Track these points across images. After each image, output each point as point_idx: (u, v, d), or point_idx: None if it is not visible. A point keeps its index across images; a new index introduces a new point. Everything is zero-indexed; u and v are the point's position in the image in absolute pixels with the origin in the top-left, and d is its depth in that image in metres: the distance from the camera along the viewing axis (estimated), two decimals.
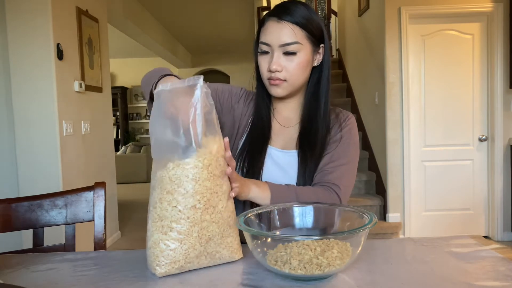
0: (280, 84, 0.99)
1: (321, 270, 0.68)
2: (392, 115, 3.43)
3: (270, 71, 0.98)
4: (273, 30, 0.97)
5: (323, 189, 0.98)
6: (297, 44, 0.96)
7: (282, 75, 0.98)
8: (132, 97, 9.40)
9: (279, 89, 1.00)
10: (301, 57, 0.98)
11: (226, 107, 1.10)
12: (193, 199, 0.74)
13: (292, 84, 1.00)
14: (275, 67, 0.97)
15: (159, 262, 0.74)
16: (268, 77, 0.99)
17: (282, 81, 0.99)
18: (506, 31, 3.33)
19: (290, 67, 0.98)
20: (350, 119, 1.08)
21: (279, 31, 0.96)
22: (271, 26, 0.98)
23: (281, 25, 0.96)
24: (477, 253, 0.83)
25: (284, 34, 0.96)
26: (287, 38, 0.96)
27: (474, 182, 3.48)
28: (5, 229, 1.12)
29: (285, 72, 0.98)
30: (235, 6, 5.79)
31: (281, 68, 0.97)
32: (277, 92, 1.01)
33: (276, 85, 0.99)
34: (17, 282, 0.75)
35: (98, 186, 1.18)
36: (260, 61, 1.01)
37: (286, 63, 0.97)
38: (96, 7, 3.35)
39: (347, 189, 1.00)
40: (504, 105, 3.38)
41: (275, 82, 0.99)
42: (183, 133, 0.74)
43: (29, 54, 2.60)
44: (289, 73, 0.98)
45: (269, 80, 1.00)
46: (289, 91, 1.02)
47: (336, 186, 0.98)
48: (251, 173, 1.02)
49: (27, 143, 2.64)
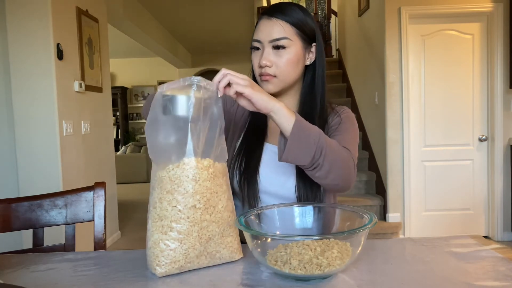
0: (271, 79, 1.00)
1: (321, 270, 0.68)
2: (392, 115, 3.43)
3: (261, 66, 0.99)
4: (264, 28, 0.99)
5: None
6: (287, 40, 0.98)
7: (272, 70, 0.99)
8: (132, 97, 9.40)
9: (270, 85, 1.01)
10: (291, 52, 0.99)
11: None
12: (193, 199, 0.74)
13: (283, 80, 1.01)
14: (264, 62, 0.98)
15: (159, 262, 0.74)
16: (259, 73, 1.01)
17: (272, 76, 1.00)
18: (506, 31, 3.33)
19: (280, 62, 0.98)
20: (346, 110, 1.09)
21: (270, 27, 0.98)
22: (263, 24, 1.00)
23: (272, 22, 0.98)
24: (477, 253, 0.83)
25: (274, 30, 0.98)
26: (277, 33, 0.98)
27: (474, 182, 3.48)
28: (5, 229, 1.12)
29: (275, 67, 0.99)
30: (235, 6, 5.79)
31: (270, 63, 0.98)
32: (268, 88, 1.01)
33: (267, 80, 1.00)
34: (17, 282, 0.75)
35: (98, 186, 1.18)
36: (252, 58, 1.03)
37: (275, 58, 0.99)
38: (96, 7, 3.35)
39: (355, 154, 0.96)
40: (504, 105, 3.38)
41: (265, 78, 1.00)
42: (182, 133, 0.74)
43: (29, 54, 2.60)
44: (279, 69, 0.99)
45: (260, 76, 1.01)
46: (281, 87, 1.02)
47: (346, 149, 0.93)
48: (248, 170, 1.02)
49: (27, 143, 2.64)
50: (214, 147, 0.77)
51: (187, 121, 0.74)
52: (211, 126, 0.77)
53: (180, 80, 0.75)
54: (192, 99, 0.74)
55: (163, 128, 0.76)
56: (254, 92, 0.81)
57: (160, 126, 0.76)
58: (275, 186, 1.01)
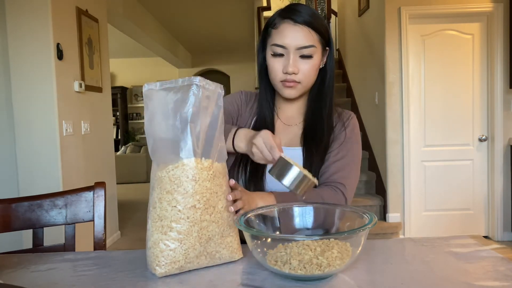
0: (295, 86, 1.01)
1: (321, 270, 0.68)
2: (392, 115, 3.43)
3: (286, 73, 0.99)
4: (289, 33, 0.97)
5: (329, 189, 1.00)
6: (313, 47, 0.98)
7: (298, 77, 0.99)
8: (132, 97, 9.40)
9: (293, 91, 1.02)
10: (316, 59, 1.00)
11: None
12: (193, 199, 0.74)
13: (305, 86, 1.03)
14: (292, 69, 0.98)
15: (159, 262, 0.74)
16: (283, 79, 1.00)
17: (297, 83, 1.00)
18: (506, 31, 3.33)
19: (305, 69, 0.99)
20: (353, 118, 1.10)
21: (296, 33, 0.97)
22: (287, 29, 0.98)
23: (298, 27, 0.97)
24: (477, 253, 0.83)
25: (301, 37, 0.97)
26: (305, 41, 0.97)
27: (474, 182, 3.48)
28: (5, 229, 1.12)
29: (300, 74, 0.99)
30: (235, 6, 5.79)
31: (298, 71, 0.99)
32: (291, 94, 1.02)
33: (291, 87, 1.00)
34: (17, 282, 0.75)
35: (98, 186, 1.18)
36: (273, 63, 1.01)
37: (302, 65, 0.99)
38: (96, 7, 3.35)
39: (352, 188, 1.03)
40: (504, 105, 3.38)
41: (290, 84, 1.00)
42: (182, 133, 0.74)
43: (29, 54, 2.60)
44: (304, 75, 1.00)
45: (283, 82, 1.01)
46: (302, 93, 1.04)
47: (342, 185, 1.01)
48: (255, 172, 1.03)
49: (27, 143, 2.64)
50: (213, 147, 0.77)
51: (187, 121, 0.73)
52: (211, 126, 0.77)
53: (179, 80, 0.75)
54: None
55: (163, 128, 0.76)
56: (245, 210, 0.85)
57: (160, 126, 0.76)
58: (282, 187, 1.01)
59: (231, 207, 0.80)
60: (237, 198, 0.83)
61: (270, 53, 1.01)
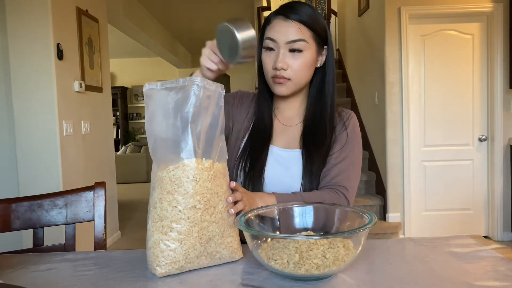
0: (285, 82, 0.99)
1: (321, 270, 0.68)
2: (392, 115, 3.43)
3: (276, 69, 0.98)
4: (280, 28, 0.97)
5: (330, 192, 0.99)
6: (303, 42, 0.97)
7: (287, 73, 0.98)
8: (132, 97, 9.39)
9: (283, 88, 1.00)
10: (307, 55, 0.98)
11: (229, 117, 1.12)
12: (193, 199, 0.74)
13: (297, 83, 1.01)
14: (280, 65, 0.96)
15: (159, 262, 0.74)
16: (273, 75, 0.99)
17: (287, 79, 0.99)
18: (506, 31, 3.33)
19: (295, 65, 0.98)
20: (353, 118, 1.09)
21: (286, 29, 0.96)
22: (278, 24, 0.98)
23: (288, 23, 0.97)
24: (477, 253, 0.83)
25: (291, 32, 0.96)
26: (294, 35, 0.96)
27: (474, 182, 3.48)
28: (5, 229, 1.12)
29: (290, 70, 0.98)
30: (235, 6, 5.79)
31: (286, 66, 0.97)
32: (281, 90, 1.01)
33: (281, 83, 0.99)
34: (17, 282, 0.75)
35: (98, 186, 1.18)
36: (264, 58, 1.01)
37: (291, 61, 0.97)
38: (96, 7, 3.35)
39: (354, 190, 1.02)
40: (504, 105, 3.38)
41: (279, 81, 0.99)
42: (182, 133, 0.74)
43: (29, 54, 2.60)
44: (294, 72, 0.98)
45: (273, 78, 1.00)
46: (293, 90, 1.02)
47: (344, 187, 1.00)
48: (253, 172, 1.02)
49: (27, 143, 2.64)
50: (214, 147, 0.77)
51: (188, 121, 0.73)
52: (211, 126, 0.77)
53: (180, 80, 0.75)
54: (190, 99, 0.74)
55: (164, 128, 0.76)
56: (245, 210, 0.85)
57: (160, 126, 0.76)
58: (281, 188, 1.01)
59: (231, 209, 0.79)
60: (238, 200, 0.82)
61: (263, 46, 1.01)
